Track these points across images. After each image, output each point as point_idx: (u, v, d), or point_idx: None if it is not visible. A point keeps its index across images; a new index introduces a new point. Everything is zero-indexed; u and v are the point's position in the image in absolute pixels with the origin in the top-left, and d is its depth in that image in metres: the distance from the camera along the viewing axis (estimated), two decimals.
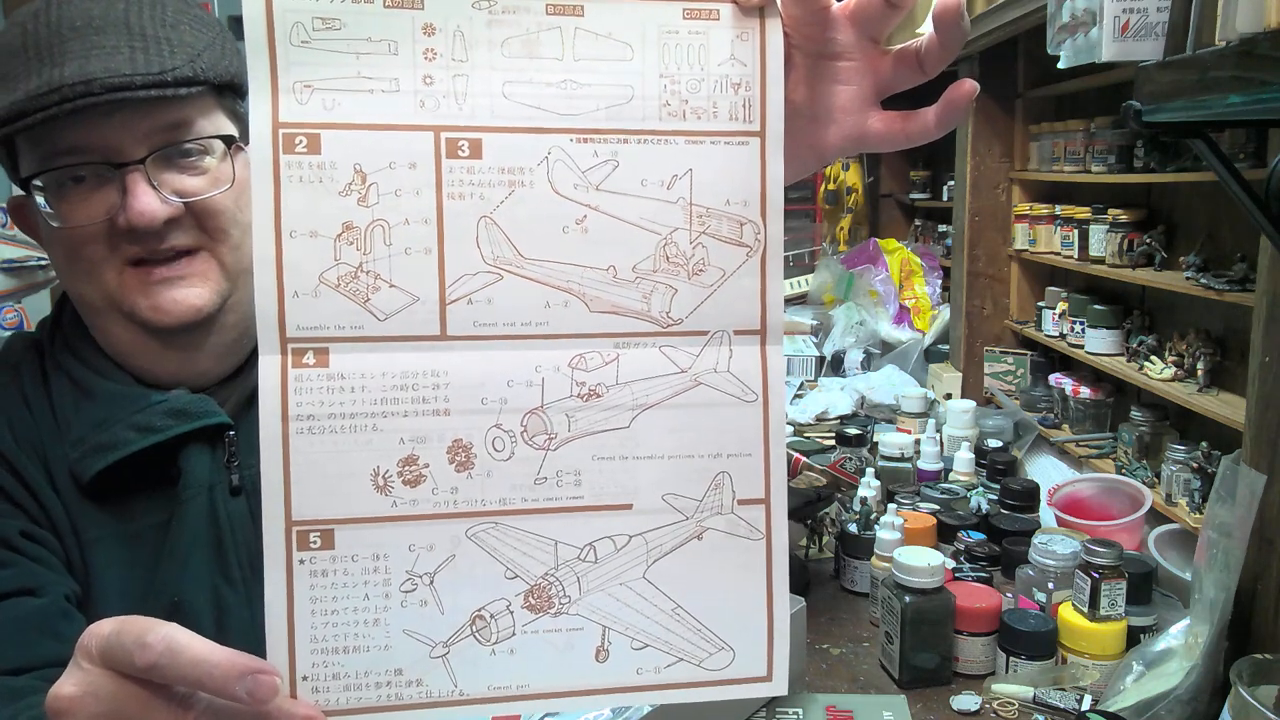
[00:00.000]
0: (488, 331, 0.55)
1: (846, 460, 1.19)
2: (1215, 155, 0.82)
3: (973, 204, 2.05)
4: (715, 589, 0.56)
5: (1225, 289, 1.26)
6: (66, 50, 0.78)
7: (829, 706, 0.94)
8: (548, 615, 0.55)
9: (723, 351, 0.57)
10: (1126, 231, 1.55)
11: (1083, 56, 0.99)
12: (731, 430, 0.56)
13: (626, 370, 0.56)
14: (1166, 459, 1.36)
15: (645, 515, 0.55)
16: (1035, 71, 1.96)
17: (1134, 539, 1.30)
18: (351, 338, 0.53)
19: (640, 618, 0.56)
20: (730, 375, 0.56)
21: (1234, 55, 0.66)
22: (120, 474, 0.82)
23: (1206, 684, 0.86)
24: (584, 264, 0.55)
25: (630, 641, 0.55)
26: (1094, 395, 1.67)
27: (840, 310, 2.41)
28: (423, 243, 0.54)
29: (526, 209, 0.55)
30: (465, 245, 0.54)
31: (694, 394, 0.56)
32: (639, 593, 0.56)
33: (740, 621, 0.57)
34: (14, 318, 2.39)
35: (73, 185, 0.80)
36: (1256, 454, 0.94)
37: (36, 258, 2.40)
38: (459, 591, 0.54)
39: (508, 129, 0.55)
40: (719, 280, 0.57)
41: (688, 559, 0.56)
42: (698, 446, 0.56)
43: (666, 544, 0.56)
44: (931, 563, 1.00)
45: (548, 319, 0.55)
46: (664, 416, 0.56)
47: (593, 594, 0.55)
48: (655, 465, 0.56)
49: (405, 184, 0.54)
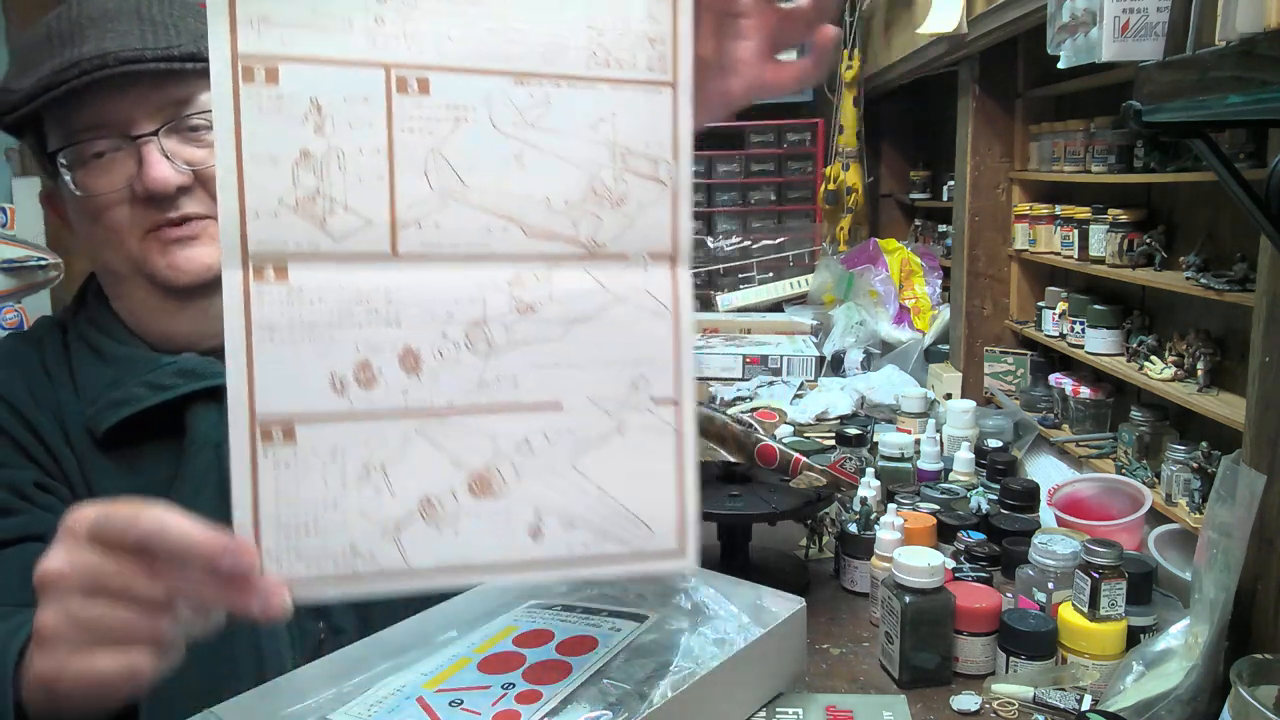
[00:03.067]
0: (434, 251, 0.61)
1: (846, 460, 1.19)
2: (1215, 155, 0.82)
3: (973, 204, 2.05)
4: (634, 476, 0.64)
5: (1225, 289, 1.26)
6: (85, 35, 0.86)
7: (829, 706, 0.94)
8: (488, 499, 0.61)
9: (640, 272, 0.64)
10: (1126, 231, 1.55)
11: (1083, 56, 0.99)
12: (647, 339, 0.64)
13: (558, 288, 0.62)
14: (1166, 459, 1.36)
15: (573, 414, 0.62)
16: (1035, 71, 1.95)
17: (1134, 539, 1.30)
18: (309, 254, 0.58)
19: (570, 501, 0.62)
20: (646, 293, 0.64)
21: (1234, 55, 0.66)
22: (132, 430, 0.89)
23: (1206, 684, 0.86)
24: (521, 194, 0.62)
25: (561, 521, 0.62)
26: (1094, 395, 1.67)
27: (840, 310, 2.41)
28: (375, 171, 0.59)
29: (470, 143, 0.61)
30: (414, 174, 0.60)
31: (616, 309, 0.63)
32: (569, 480, 0.62)
33: (656, 503, 0.64)
34: (14, 318, 2.39)
35: (93, 160, 0.88)
36: (1256, 454, 0.94)
37: (36, 258, 2.40)
38: (409, 480, 0.59)
39: (453, 69, 0.60)
40: (637, 211, 0.64)
41: (610, 450, 0.63)
42: (619, 354, 0.63)
43: (592, 438, 0.63)
44: (931, 563, 1.00)
45: (488, 242, 0.61)
46: (590, 328, 0.63)
47: (528, 481, 0.61)
48: (582, 370, 0.62)
49: (358, 116, 0.59)
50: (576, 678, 0.79)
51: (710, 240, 2.82)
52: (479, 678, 0.80)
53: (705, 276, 2.81)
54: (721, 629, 0.89)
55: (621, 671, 0.80)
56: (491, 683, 0.79)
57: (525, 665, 0.81)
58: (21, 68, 0.89)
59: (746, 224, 2.88)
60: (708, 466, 1.26)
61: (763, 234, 2.81)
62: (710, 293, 2.74)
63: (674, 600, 0.94)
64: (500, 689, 0.78)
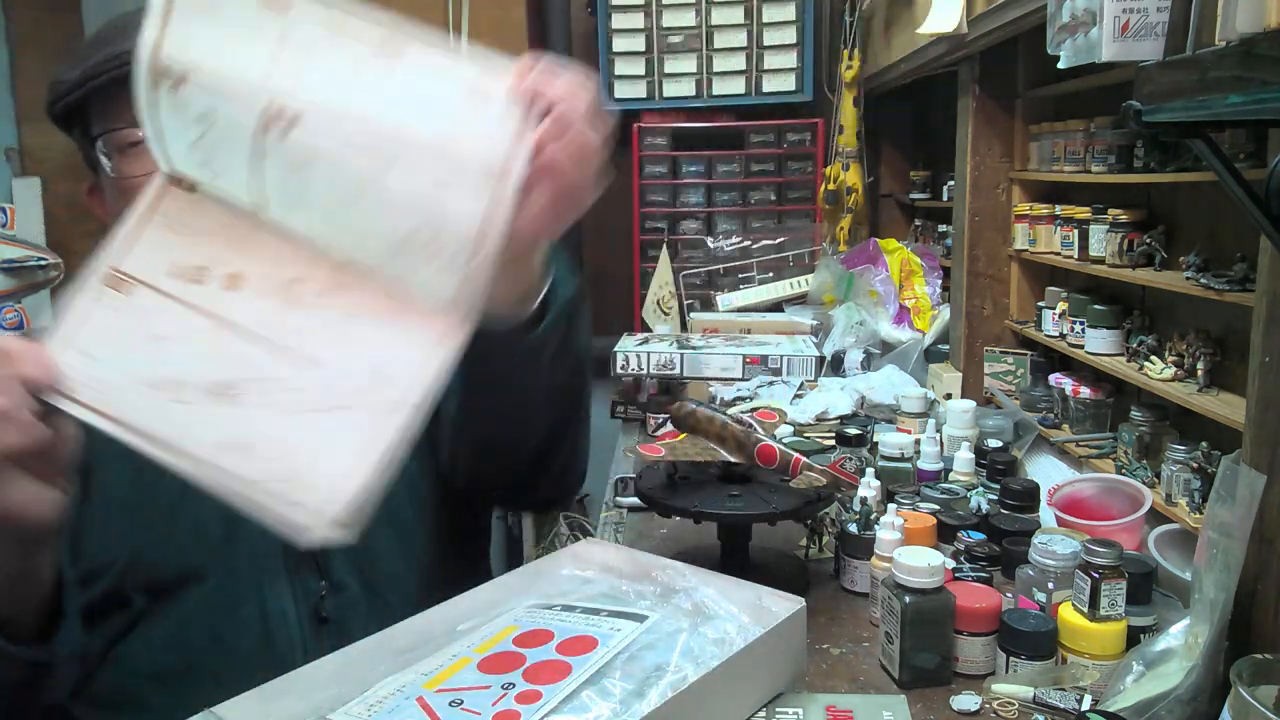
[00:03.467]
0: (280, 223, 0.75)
1: (846, 460, 1.19)
2: (1215, 155, 0.81)
3: (973, 204, 2.05)
4: (332, 446, 0.71)
5: (1225, 289, 1.26)
6: (128, 33, 0.94)
7: (829, 706, 0.94)
8: (222, 405, 0.70)
9: (420, 316, 0.75)
10: (1126, 231, 1.55)
11: (1083, 56, 0.99)
12: (398, 357, 0.74)
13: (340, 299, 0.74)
14: (1166, 459, 1.36)
15: (321, 378, 0.72)
16: (1035, 71, 1.95)
17: (1134, 539, 1.30)
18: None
19: (272, 440, 0.70)
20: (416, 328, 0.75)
21: (1234, 55, 0.66)
22: None
23: (1206, 684, 0.86)
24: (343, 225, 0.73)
25: (252, 450, 0.70)
26: (1094, 395, 1.67)
27: (840, 310, 2.41)
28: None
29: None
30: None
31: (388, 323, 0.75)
32: (284, 423, 0.71)
33: (338, 475, 0.70)
34: (14, 318, 2.39)
35: (130, 147, 0.96)
36: (1256, 454, 0.94)
37: (36, 258, 2.40)
38: (180, 362, 0.71)
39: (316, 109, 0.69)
40: (433, 275, 0.72)
41: (328, 420, 0.72)
42: (369, 359, 0.74)
43: (321, 404, 0.71)
44: (931, 563, 1.00)
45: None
46: (357, 327, 0.74)
47: (255, 408, 0.71)
48: (341, 351, 0.72)
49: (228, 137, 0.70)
50: (576, 678, 0.79)
51: (710, 240, 2.82)
52: (479, 678, 0.80)
53: (705, 276, 2.80)
54: (721, 629, 0.89)
55: (621, 671, 0.80)
56: (491, 683, 0.79)
57: (525, 665, 0.81)
58: (73, 63, 0.97)
59: (746, 224, 2.88)
60: (708, 467, 1.26)
61: (763, 234, 2.80)
62: (710, 293, 2.74)
63: (674, 600, 0.94)
64: (500, 689, 0.78)
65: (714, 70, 2.89)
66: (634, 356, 1.97)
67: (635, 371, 1.99)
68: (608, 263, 3.14)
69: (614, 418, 2.17)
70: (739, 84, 2.89)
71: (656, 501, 1.20)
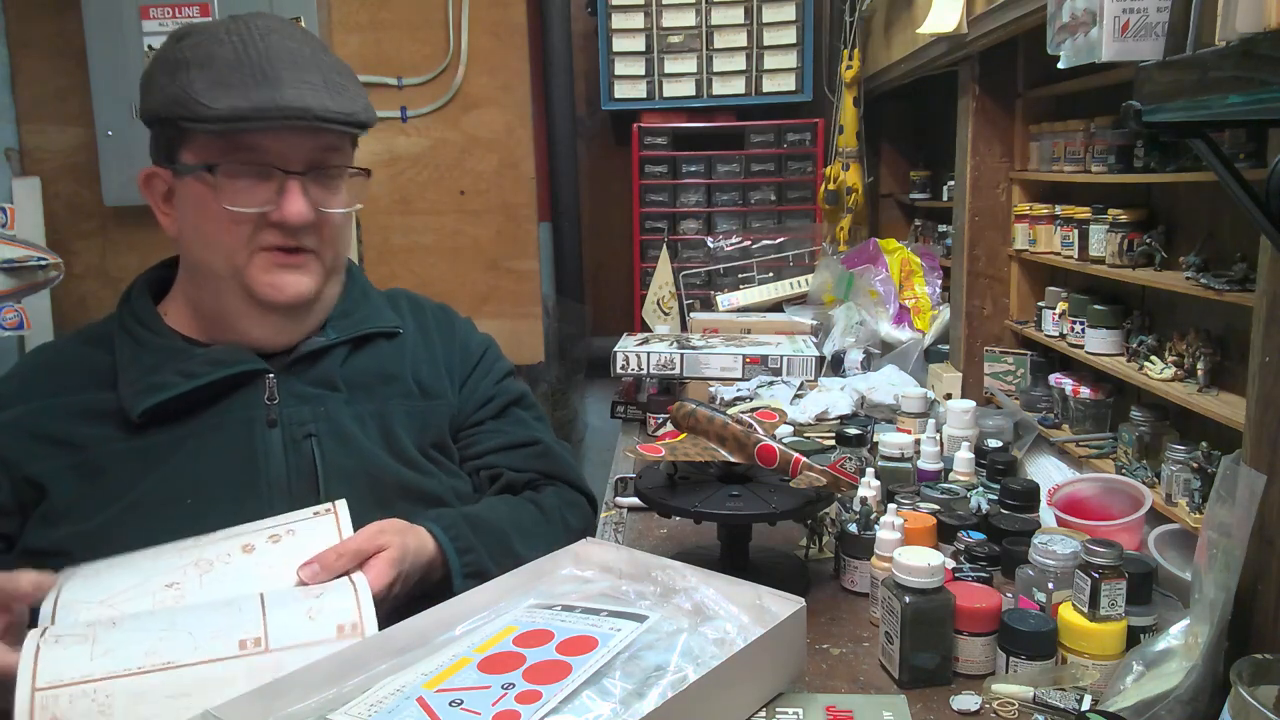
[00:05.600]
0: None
1: (846, 460, 1.19)
2: (1215, 155, 0.81)
3: (973, 204, 2.05)
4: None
5: (1225, 289, 1.26)
6: (281, 78, 0.99)
7: (829, 706, 0.94)
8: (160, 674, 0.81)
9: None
10: (1126, 231, 1.55)
11: (1083, 56, 0.99)
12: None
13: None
14: (1166, 459, 1.36)
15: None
16: (1035, 71, 1.95)
17: (1134, 539, 1.30)
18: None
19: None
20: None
21: (1234, 55, 0.66)
22: (165, 414, 1.02)
23: (1206, 684, 0.86)
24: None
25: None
26: (1094, 395, 1.67)
27: (840, 310, 2.41)
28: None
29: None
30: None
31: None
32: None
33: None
34: (14, 318, 2.39)
35: (242, 179, 1.00)
36: (1256, 454, 0.94)
37: (36, 258, 2.40)
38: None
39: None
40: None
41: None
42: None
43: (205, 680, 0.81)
44: (931, 563, 1.00)
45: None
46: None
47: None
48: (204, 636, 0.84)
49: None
50: (576, 678, 0.79)
51: (710, 240, 2.82)
52: (479, 678, 0.80)
53: (705, 276, 2.80)
54: (721, 629, 0.89)
55: (621, 671, 0.80)
56: (491, 683, 0.79)
57: (525, 665, 0.81)
58: (211, 82, 0.97)
59: (746, 224, 2.88)
60: (708, 466, 1.26)
61: (763, 234, 2.80)
62: (710, 293, 2.74)
63: (674, 600, 0.94)
64: (500, 689, 0.78)
65: (714, 70, 2.89)
66: (634, 356, 1.97)
67: (635, 371, 1.99)
68: (608, 263, 3.14)
69: (614, 418, 2.17)
70: (739, 84, 2.89)
71: (656, 501, 1.20)
